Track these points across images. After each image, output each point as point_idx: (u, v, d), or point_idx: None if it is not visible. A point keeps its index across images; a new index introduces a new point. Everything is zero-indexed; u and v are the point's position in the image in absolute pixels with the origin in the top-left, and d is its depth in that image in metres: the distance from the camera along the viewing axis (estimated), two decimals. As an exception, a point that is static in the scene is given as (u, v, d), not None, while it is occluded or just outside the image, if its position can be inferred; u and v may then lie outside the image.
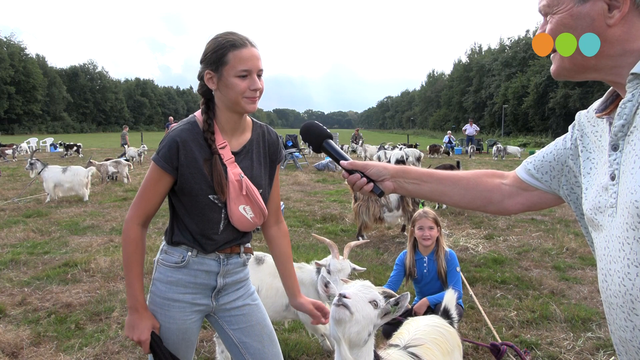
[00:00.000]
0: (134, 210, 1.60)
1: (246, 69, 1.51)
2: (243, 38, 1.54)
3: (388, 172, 1.21)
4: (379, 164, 1.23)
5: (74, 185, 9.11)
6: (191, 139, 1.57)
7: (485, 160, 20.24)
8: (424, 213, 3.26)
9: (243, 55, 1.51)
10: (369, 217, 6.10)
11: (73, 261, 5.12)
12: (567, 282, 4.52)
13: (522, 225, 7.07)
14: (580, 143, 1.00)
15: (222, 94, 1.56)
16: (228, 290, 1.73)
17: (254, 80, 1.53)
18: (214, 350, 3.20)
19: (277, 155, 1.77)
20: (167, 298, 1.63)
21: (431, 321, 2.09)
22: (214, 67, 1.53)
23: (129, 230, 1.60)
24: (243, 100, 1.54)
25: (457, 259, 3.29)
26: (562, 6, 0.88)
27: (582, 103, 33.94)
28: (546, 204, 1.15)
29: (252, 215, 1.64)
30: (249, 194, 1.61)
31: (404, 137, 40.15)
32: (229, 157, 1.60)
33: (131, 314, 1.60)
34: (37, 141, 29.52)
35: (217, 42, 1.54)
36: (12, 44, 62.96)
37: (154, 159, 1.58)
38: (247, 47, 1.52)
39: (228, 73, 1.51)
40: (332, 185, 11.76)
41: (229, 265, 1.69)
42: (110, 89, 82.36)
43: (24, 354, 3.17)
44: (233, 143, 1.64)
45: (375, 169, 1.21)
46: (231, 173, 1.59)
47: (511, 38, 54.20)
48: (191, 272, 1.64)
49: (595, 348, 3.21)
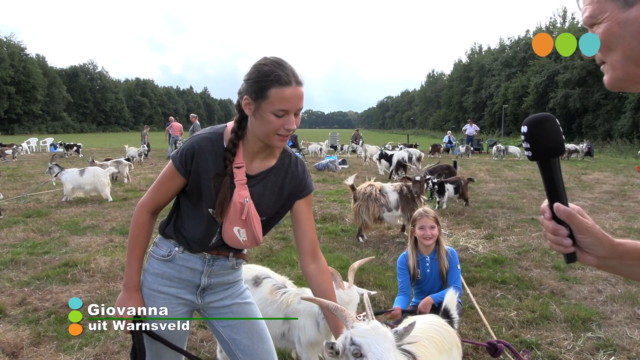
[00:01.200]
0: (146, 198, 1.65)
1: (285, 109, 1.45)
2: (290, 75, 1.45)
3: (603, 250, 0.90)
4: (596, 233, 0.89)
5: (96, 187, 9.28)
6: (210, 149, 1.56)
7: (485, 160, 20.23)
8: (425, 212, 3.23)
9: (285, 94, 1.43)
10: (369, 217, 6.10)
11: (73, 261, 5.12)
12: (567, 282, 4.52)
13: (522, 225, 7.07)
14: None
15: (256, 123, 1.51)
16: (215, 289, 1.75)
17: (290, 121, 1.47)
18: (214, 350, 3.20)
19: (300, 188, 1.69)
20: (153, 289, 1.67)
21: (429, 320, 2.09)
22: (253, 96, 1.46)
23: (138, 215, 1.65)
24: (275, 137, 1.49)
25: (457, 256, 3.28)
26: (607, 14, 0.82)
27: (582, 103, 33.94)
28: None
29: (245, 239, 1.63)
30: (248, 219, 1.59)
31: (404, 137, 40.14)
32: (242, 178, 1.58)
33: (123, 292, 1.66)
34: (37, 141, 29.51)
35: (263, 71, 1.44)
36: (12, 44, 62.89)
37: (172, 157, 1.61)
38: (292, 85, 1.44)
39: (266, 108, 1.45)
40: (332, 185, 11.76)
41: (215, 267, 1.70)
42: (110, 89, 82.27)
43: (24, 354, 3.17)
44: (253, 166, 1.61)
45: (591, 240, 0.89)
46: (237, 194, 1.57)
47: (511, 38, 54.18)
48: (176, 267, 1.67)
49: (595, 348, 3.21)
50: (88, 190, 9.31)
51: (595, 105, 32.76)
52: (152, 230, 1.69)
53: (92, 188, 9.29)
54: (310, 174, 1.77)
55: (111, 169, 10.10)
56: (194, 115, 17.64)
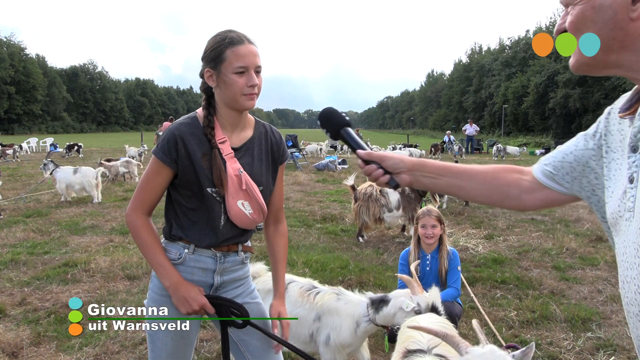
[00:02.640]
0: (134, 203, 1.61)
1: (243, 65, 1.51)
2: (241, 35, 1.55)
3: (405, 165, 1.19)
4: (396, 156, 1.20)
5: (84, 186, 9.27)
6: (190, 132, 1.58)
7: (485, 160, 20.24)
8: (428, 211, 3.27)
9: (240, 52, 1.51)
10: (369, 217, 6.11)
11: (73, 261, 5.12)
12: (567, 282, 4.52)
13: (522, 225, 7.07)
14: (604, 143, 0.94)
15: (222, 91, 1.57)
16: (226, 288, 1.73)
17: (252, 77, 1.53)
18: (214, 350, 3.20)
19: (280, 154, 1.77)
20: (164, 295, 1.63)
21: (432, 319, 2.08)
22: (212, 64, 1.54)
23: (135, 221, 1.60)
24: (241, 97, 1.54)
25: (459, 258, 3.29)
26: None
27: (582, 103, 33.94)
28: (566, 202, 1.10)
29: (251, 211, 1.64)
30: (249, 189, 1.61)
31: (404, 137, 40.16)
32: (229, 152, 1.61)
33: (176, 292, 1.59)
34: (37, 141, 29.50)
35: (216, 40, 1.55)
36: (12, 44, 62.90)
37: (154, 152, 1.59)
38: (245, 43, 1.53)
39: (226, 70, 1.52)
40: (332, 185, 11.76)
41: (226, 263, 1.69)
42: (110, 89, 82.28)
43: (24, 354, 3.17)
44: (233, 139, 1.64)
45: (392, 161, 1.19)
46: (230, 168, 1.59)
47: (511, 38, 54.15)
48: (187, 269, 1.64)
49: (595, 348, 3.21)
50: (77, 189, 9.26)
51: (596, 105, 32.74)
52: (154, 228, 1.65)
53: (81, 188, 9.24)
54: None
55: (101, 169, 10.06)
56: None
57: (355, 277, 4.58)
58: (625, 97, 0.90)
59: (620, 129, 0.90)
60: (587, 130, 1.02)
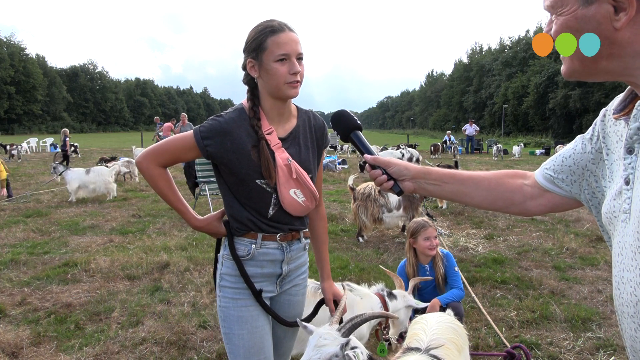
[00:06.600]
0: (149, 153, 1.62)
1: (284, 52, 1.51)
2: (281, 23, 1.55)
3: (409, 172, 1.21)
4: (402, 163, 1.23)
5: (98, 186, 9.49)
6: (238, 125, 1.59)
7: (485, 160, 20.24)
8: (426, 222, 3.23)
9: (281, 39, 1.51)
10: (368, 217, 6.09)
11: (73, 261, 5.12)
12: (567, 282, 4.52)
13: (522, 225, 7.07)
14: (604, 145, 0.94)
15: (264, 81, 1.57)
16: (291, 276, 1.78)
17: (294, 64, 1.53)
18: (214, 350, 3.20)
19: (323, 140, 1.79)
20: (237, 288, 1.67)
21: (441, 318, 2.08)
22: (254, 54, 1.55)
23: (151, 170, 1.61)
24: (284, 86, 1.55)
25: (453, 258, 3.28)
26: (567, 8, 0.83)
27: (582, 103, 33.96)
28: (570, 206, 1.11)
29: (304, 198, 1.67)
30: (299, 177, 1.63)
31: (404, 137, 40.15)
32: (276, 142, 1.62)
33: (203, 229, 1.71)
34: (37, 141, 29.50)
35: (257, 30, 1.56)
36: (12, 44, 62.88)
37: (195, 130, 1.59)
38: (285, 31, 1.53)
39: (268, 59, 1.52)
40: (332, 185, 11.76)
41: (292, 252, 1.73)
42: (110, 89, 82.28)
43: (24, 354, 3.17)
44: (279, 130, 1.66)
45: (397, 168, 1.21)
46: (279, 158, 1.61)
47: (511, 38, 54.28)
48: (257, 263, 1.67)
49: (595, 348, 3.21)
50: (92, 189, 9.47)
51: (596, 105, 32.75)
52: (170, 177, 1.66)
53: (97, 187, 9.48)
54: None
55: (115, 167, 10.27)
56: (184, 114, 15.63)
57: (355, 277, 4.58)
58: (619, 99, 0.90)
59: (616, 130, 0.91)
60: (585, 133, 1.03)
